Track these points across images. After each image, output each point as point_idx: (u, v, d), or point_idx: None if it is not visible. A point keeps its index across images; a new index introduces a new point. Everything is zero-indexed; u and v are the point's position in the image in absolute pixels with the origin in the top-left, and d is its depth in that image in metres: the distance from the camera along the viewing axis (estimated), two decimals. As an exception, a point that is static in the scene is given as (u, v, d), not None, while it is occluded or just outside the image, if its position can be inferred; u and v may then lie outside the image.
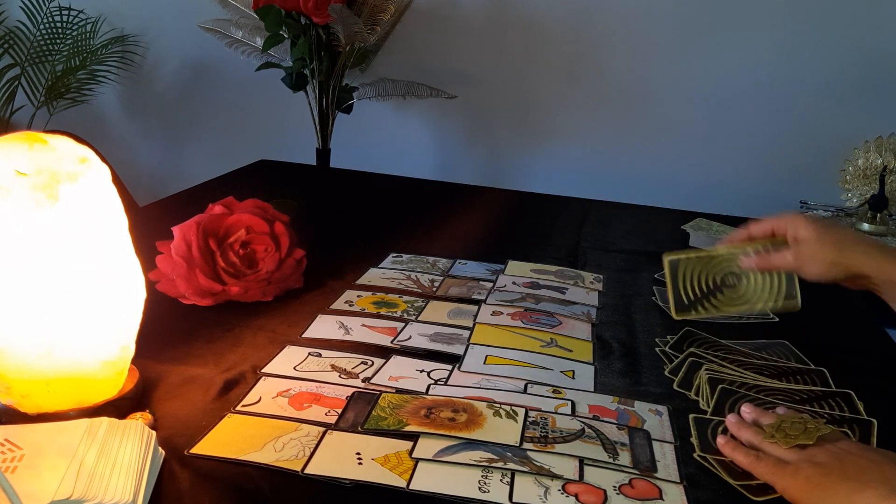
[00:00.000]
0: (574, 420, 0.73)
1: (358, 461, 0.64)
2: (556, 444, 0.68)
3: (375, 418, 0.70)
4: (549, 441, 0.69)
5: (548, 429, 0.71)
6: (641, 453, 0.68)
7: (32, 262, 0.64)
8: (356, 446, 0.66)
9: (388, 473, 0.63)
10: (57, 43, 2.62)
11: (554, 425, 0.71)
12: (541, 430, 0.70)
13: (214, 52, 2.50)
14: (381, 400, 0.74)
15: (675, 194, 2.21)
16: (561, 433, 0.70)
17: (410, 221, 1.38)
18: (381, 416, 0.71)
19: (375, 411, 0.71)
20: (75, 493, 0.54)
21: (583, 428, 0.71)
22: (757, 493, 0.64)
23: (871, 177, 2.06)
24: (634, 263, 1.21)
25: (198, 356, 0.82)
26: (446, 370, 0.82)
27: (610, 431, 0.71)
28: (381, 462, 0.64)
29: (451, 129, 2.50)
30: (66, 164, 0.65)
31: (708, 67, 2.21)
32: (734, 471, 0.67)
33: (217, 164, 1.98)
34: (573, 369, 0.84)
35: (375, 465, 0.64)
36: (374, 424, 0.69)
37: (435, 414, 0.71)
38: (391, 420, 0.70)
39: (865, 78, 2.10)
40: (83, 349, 0.67)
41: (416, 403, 0.73)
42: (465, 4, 2.37)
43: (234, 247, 0.96)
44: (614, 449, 0.69)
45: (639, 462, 0.67)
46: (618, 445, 0.69)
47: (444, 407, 0.73)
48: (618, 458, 0.67)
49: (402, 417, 0.70)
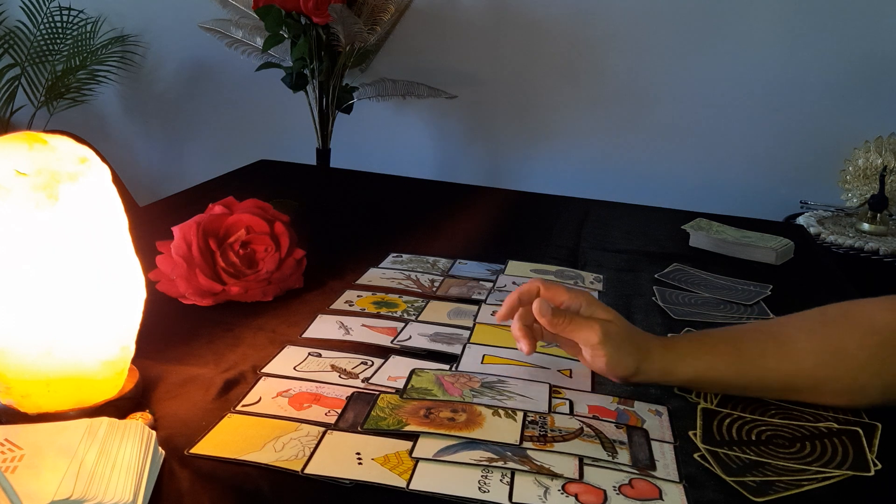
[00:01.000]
0: (573, 419, 0.73)
1: (358, 461, 0.64)
2: (556, 442, 0.68)
3: (375, 418, 0.70)
4: (547, 440, 0.69)
5: (546, 428, 0.71)
6: (640, 451, 0.69)
7: (32, 262, 0.64)
8: (356, 446, 0.66)
9: (388, 473, 0.63)
10: (57, 43, 2.62)
11: (553, 424, 0.71)
12: (540, 429, 0.70)
13: (214, 52, 2.51)
14: (380, 400, 0.73)
15: (675, 194, 2.21)
16: (560, 432, 0.70)
17: (410, 221, 1.38)
18: (380, 416, 0.71)
19: (375, 411, 0.71)
20: (75, 493, 0.54)
21: (581, 427, 0.71)
22: (756, 494, 0.64)
23: (871, 177, 2.06)
24: (634, 263, 1.21)
25: (198, 356, 0.82)
26: (445, 370, 0.82)
27: (608, 430, 0.71)
28: (382, 462, 0.64)
29: (451, 129, 2.50)
30: (66, 164, 0.65)
31: (708, 67, 2.21)
32: (730, 468, 0.67)
33: (217, 164, 1.98)
34: (571, 368, 0.84)
35: (375, 465, 0.64)
36: (373, 425, 0.69)
37: (434, 414, 0.71)
38: (391, 420, 0.70)
39: (865, 78, 2.10)
40: (83, 349, 0.67)
41: (414, 404, 0.73)
42: (465, 4, 2.37)
43: (235, 247, 0.96)
44: (613, 447, 0.69)
45: (638, 460, 0.67)
46: (616, 444, 0.69)
47: (443, 407, 0.73)
48: (617, 456, 0.67)
49: (401, 417, 0.70)
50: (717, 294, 1.08)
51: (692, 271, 1.17)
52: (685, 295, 1.08)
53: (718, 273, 1.17)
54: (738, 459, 0.69)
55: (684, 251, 1.28)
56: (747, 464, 0.68)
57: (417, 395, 0.75)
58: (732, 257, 1.26)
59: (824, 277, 1.22)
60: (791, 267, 1.24)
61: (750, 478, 0.66)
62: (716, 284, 1.13)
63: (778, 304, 1.05)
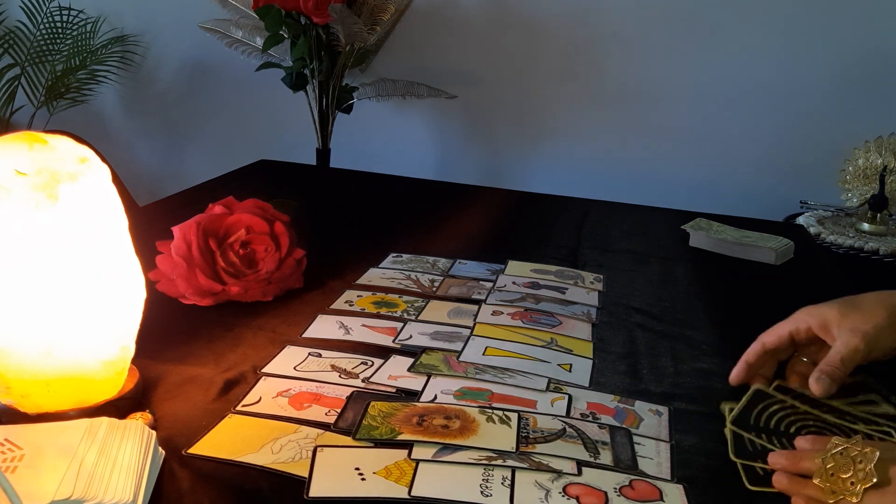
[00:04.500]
0: (555, 420, 0.73)
1: (360, 477, 0.63)
2: (538, 444, 0.68)
3: (367, 427, 0.69)
4: (529, 441, 0.68)
5: (528, 429, 0.70)
6: (622, 452, 0.68)
7: (32, 262, 0.64)
8: (353, 461, 0.64)
9: (394, 486, 0.62)
10: (57, 43, 2.62)
11: (535, 425, 0.71)
12: (522, 430, 0.70)
13: (214, 52, 2.51)
14: (371, 408, 0.72)
15: (675, 194, 2.21)
16: (542, 433, 0.70)
17: (410, 221, 1.38)
18: (372, 424, 0.69)
19: (366, 420, 0.70)
20: (75, 493, 0.54)
21: (563, 427, 0.71)
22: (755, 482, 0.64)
23: (871, 177, 2.06)
24: (634, 263, 1.21)
25: (198, 356, 0.82)
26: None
27: (591, 430, 0.71)
28: (384, 475, 0.63)
29: (451, 129, 2.50)
30: (66, 164, 0.65)
31: (708, 67, 2.21)
32: (744, 451, 0.66)
33: (217, 164, 1.98)
34: (570, 363, 0.85)
35: (380, 479, 0.62)
36: (365, 434, 0.68)
37: (427, 421, 0.70)
38: (383, 429, 0.69)
39: (865, 78, 2.10)
40: (83, 349, 0.67)
41: (406, 411, 0.72)
42: (465, 4, 2.37)
43: (235, 247, 0.96)
44: (595, 448, 0.68)
45: (620, 461, 0.67)
46: (599, 444, 0.69)
47: (436, 414, 0.72)
48: (599, 457, 0.67)
49: (394, 426, 0.69)
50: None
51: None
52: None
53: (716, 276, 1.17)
54: (759, 446, 0.69)
55: (684, 251, 1.28)
56: (762, 451, 0.68)
57: (425, 369, 0.80)
58: (732, 257, 1.26)
59: (824, 277, 1.22)
60: (791, 267, 1.24)
61: (760, 464, 0.66)
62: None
63: (778, 304, 1.05)
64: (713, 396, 0.80)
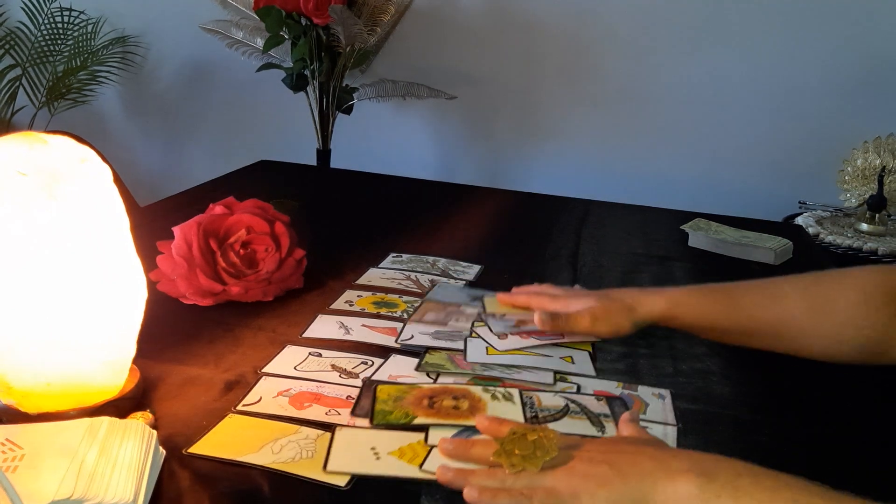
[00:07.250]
0: (556, 397, 0.75)
1: (375, 456, 0.65)
2: (548, 422, 0.70)
3: (382, 413, 0.71)
4: (540, 420, 0.71)
5: (536, 409, 0.73)
6: None
7: (33, 263, 0.64)
8: (369, 441, 0.67)
9: (406, 466, 0.64)
10: (58, 43, 2.62)
11: (540, 404, 0.73)
12: (530, 410, 0.72)
13: (215, 53, 2.51)
14: (380, 392, 0.74)
15: (674, 194, 2.21)
16: (549, 411, 0.72)
17: (410, 221, 1.38)
18: (385, 409, 0.71)
19: (378, 405, 0.72)
20: (76, 493, 0.54)
21: (566, 404, 0.74)
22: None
23: (869, 177, 2.06)
24: (634, 263, 1.21)
25: (198, 356, 0.82)
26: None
27: (591, 403, 0.74)
28: (398, 455, 0.65)
29: (451, 130, 2.50)
30: (67, 165, 0.65)
31: (708, 67, 2.21)
32: None
33: (217, 165, 1.99)
34: (571, 355, 0.86)
35: (393, 459, 0.65)
36: (381, 419, 0.70)
37: (438, 403, 0.72)
38: (398, 413, 0.71)
39: (865, 78, 2.10)
40: (83, 349, 0.67)
41: (415, 393, 0.74)
42: (465, 4, 2.37)
43: (235, 247, 0.96)
44: (600, 422, 0.71)
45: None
46: (602, 417, 0.72)
47: (444, 395, 0.74)
48: (605, 430, 0.70)
49: (407, 409, 0.71)
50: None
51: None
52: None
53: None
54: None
55: (683, 251, 1.29)
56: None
57: (432, 368, 0.80)
58: (731, 257, 1.26)
59: (824, 277, 1.22)
60: (790, 267, 1.24)
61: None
62: None
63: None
64: (713, 396, 0.80)
